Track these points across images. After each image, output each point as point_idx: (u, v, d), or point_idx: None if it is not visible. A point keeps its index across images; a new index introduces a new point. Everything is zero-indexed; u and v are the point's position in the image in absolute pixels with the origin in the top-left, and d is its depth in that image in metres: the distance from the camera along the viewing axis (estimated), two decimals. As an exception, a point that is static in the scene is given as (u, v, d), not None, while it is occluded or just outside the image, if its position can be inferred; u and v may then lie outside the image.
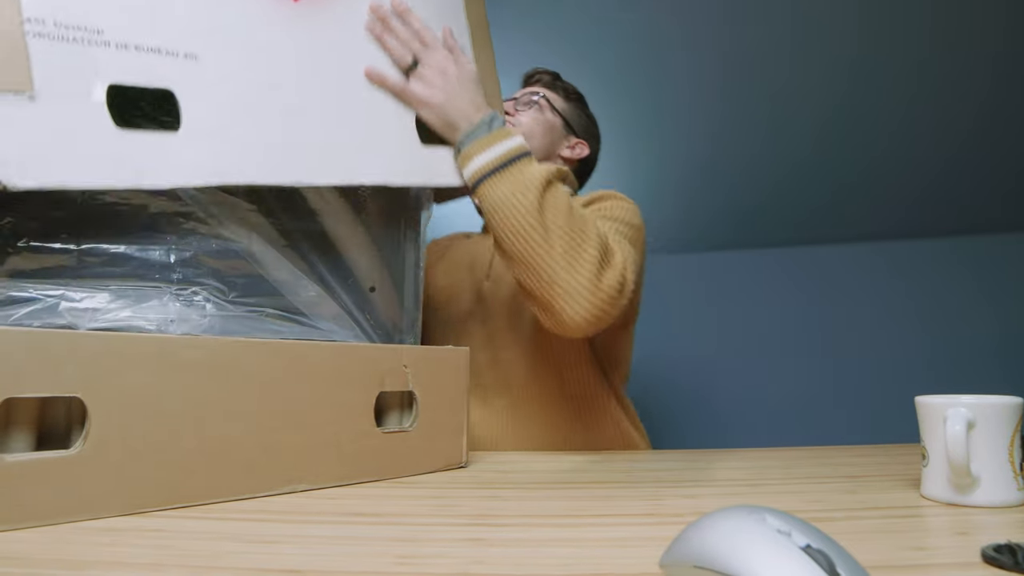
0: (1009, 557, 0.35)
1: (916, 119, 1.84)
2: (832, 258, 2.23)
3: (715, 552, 0.29)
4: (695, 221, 2.15)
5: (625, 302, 0.74)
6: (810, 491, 0.59)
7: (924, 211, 2.11)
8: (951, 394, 0.55)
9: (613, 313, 0.72)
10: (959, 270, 2.15)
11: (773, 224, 2.18)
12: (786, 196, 2.08)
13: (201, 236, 0.61)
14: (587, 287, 0.69)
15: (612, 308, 0.72)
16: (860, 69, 1.73)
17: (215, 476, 0.52)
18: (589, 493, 0.58)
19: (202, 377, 0.52)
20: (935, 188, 2.04)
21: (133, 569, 0.36)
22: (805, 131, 1.91)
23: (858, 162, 1.97)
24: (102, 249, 0.55)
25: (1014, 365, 2.04)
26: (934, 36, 1.63)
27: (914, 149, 1.91)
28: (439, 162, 0.75)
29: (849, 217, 2.15)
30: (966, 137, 1.88)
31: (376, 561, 0.38)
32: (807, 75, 1.75)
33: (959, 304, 2.13)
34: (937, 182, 2.04)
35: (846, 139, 1.92)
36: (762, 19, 1.61)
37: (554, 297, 0.70)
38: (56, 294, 0.51)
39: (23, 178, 0.47)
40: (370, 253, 0.75)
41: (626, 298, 0.74)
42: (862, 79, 1.76)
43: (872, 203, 2.11)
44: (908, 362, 2.10)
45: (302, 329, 0.66)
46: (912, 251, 2.20)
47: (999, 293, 2.11)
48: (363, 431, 0.63)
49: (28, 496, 0.43)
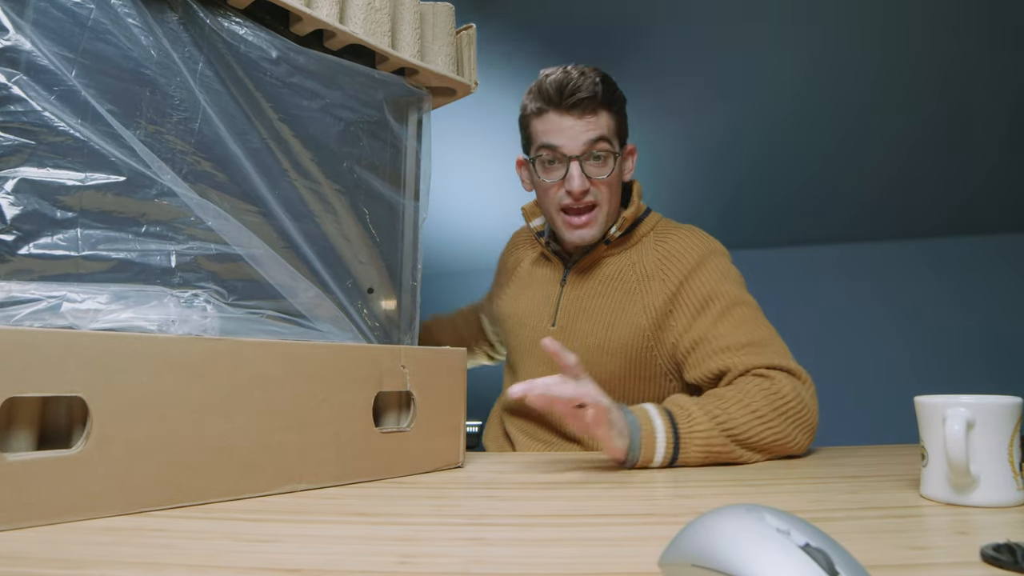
0: (1008, 556, 0.35)
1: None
2: (829, 258, 2.23)
3: (714, 550, 0.29)
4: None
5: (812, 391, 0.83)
6: (810, 491, 0.59)
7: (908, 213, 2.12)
8: (949, 394, 0.55)
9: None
10: (952, 271, 2.15)
11: (764, 224, 2.18)
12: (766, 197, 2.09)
13: (201, 240, 0.61)
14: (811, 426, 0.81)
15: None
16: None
17: (215, 476, 0.52)
18: (588, 493, 0.58)
19: (202, 377, 0.52)
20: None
21: (133, 568, 0.36)
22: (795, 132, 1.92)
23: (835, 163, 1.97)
24: (103, 255, 0.55)
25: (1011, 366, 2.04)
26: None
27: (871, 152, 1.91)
28: None
29: (833, 218, 2.16)
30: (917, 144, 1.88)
31: (376, 560, 0.38)
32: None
33: (964, 303, 2.13)
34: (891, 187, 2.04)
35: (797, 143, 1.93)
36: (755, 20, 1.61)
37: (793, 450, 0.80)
38: (58, 295, 0.51)
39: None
40: (368, 255, 0.75)
41: (811, 393, 0.82)
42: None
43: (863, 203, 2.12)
44: (903, 362, 2.10)
45: (301, 330, 0.66)
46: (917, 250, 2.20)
47: (1000, 293, 2.11)
48: (362, 431, 0.63)
49: (29, 495, 0.43)
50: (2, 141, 0.50)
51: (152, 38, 0.60)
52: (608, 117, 0.94)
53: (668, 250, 0.96)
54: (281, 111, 0.69)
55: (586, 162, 0.92)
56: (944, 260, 2.18)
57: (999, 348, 2.06)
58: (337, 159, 0.74)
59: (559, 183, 0.94)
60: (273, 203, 0.67)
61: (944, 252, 2.19)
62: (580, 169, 0.92)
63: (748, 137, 1.93)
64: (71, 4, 0.55)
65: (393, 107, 0.80)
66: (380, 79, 0.78)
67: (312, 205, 0.71)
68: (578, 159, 0.92)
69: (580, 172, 0.92)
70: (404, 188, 0.81)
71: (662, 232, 1.00)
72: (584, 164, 0.92)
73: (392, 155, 0.80)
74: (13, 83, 0.51)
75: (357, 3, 0.73)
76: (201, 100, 0.62)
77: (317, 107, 0.72)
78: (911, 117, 1.81)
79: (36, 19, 0.53)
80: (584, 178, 0.92)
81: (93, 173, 0.55)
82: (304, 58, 0.71)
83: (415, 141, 0.83)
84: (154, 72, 0.60)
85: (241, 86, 0.66)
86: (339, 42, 0.74)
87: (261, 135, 0.67)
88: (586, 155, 0.92)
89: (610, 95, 0.94)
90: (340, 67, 0.74)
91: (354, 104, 0.76)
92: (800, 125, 1.88)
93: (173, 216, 0.59)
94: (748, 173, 2.08)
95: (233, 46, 0.66)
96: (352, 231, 0.74)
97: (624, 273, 0.97)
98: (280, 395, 0.57)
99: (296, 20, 0.70)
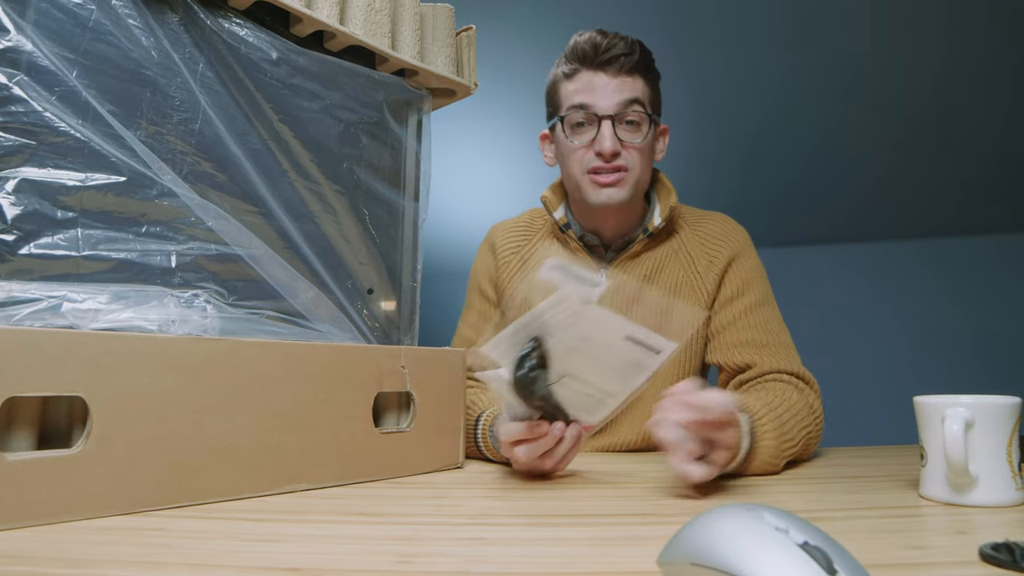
0: (1007, 556, 0.35)
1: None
2: (829, 258, 2.23)
3: (713, 549, 0.29)
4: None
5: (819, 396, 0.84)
6: (810, 491, 0.59)
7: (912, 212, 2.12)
8: (948, 394, 0.55)
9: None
10: (948, 272, 2.15)
11: (765, 224, 2.18)
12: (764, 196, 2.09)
13: (201, 240, 0.61)
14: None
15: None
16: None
17: (215, 476, 0.52)
18: (587, 493, 0.59)
19: (202, 377, 0.52)
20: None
21: (133, 568, 0.36)
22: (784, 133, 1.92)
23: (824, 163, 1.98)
24: (104, 255, 0.55)
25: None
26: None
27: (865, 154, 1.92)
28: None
29: (834, 219, 2.16)
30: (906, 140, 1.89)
31: (376, 560, 0.38)
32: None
33: (967, 303, 2.13)
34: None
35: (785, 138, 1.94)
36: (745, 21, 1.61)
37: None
38: (58, 295, 0.51)
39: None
40: (368, 255, 0.76)
41: (819, 400, 0.83)
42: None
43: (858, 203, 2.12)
44: (902, 362, 2.10)
45: (301, 331, 0.66)
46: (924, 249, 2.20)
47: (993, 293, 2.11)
48: (362, 431, 0.63)
49: (30, 495, 0.43)
50: (3, 141, 0.50)
51: (153, 39, 0.60)
52: (643, 83, 0.89)
53: (709, 233, 0.96)
54: (281, 112, 0.69)
55: (619, 124, 0.87)
56: (943, 260, 2.18)
57: (998, 348, 2.06)
58: (337, 160, 0.74)
59: (588, 145, 0.88)
60: (273, 204, 0.67)
61: (943, 252, 2.19)
62: (612, 130, 0.86)
63: (747, 137, 1.93)
64: (72, 5, 0.55)
65: (393, 108, 0.80)
66: (380, 80, 0.78)
67: (312, 206, 0.71)
68: (611, 119, 0.86)
69: (612, 133, 0.86)
70: (404, 189, 0.81)
71: (694, 218, 0.99)
72: (617, 126, 0.87)
73: (392, 156, 0.80)
74: (14, 83, 0.51)
75: (357, 4, 0.74)
76: (201, 101, 0.63)
77: (317, 108, 0.72)
78: (911, 117, 1.82)
79: (37, 20, 0.53)
80: (616, 139, 0.87)
81: (94, 173, 0.55)
82: (304, 59, 0.71)
83: (415, 142, 0.83)
84: (155, 73, 0.60)
85: (241, 87, 0.66)
86: (339, 43, 0.74)
87: (261, 136, 0.67)
88: (620, 117, 0.87)
89: (647, 62, 0.90)
90: (340, 68, 0.74)
91: (354, 105, 0.76)
92: (800, 126, 1.88)
93: (173, 216, 0.59)
94: (747, 173, 2.09)
95: (234, 47, 0.66)
96: (352, 232, 0.74)
97: (669, 261, 0.95)
98: (280, 395, 0.57)
99: (296, 21, 0.70)
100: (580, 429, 0.65)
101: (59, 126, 0.53)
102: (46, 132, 0.52)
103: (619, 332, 0.58)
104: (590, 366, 0.60)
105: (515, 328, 0.59)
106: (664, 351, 0.59)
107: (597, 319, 0.58)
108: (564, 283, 0.60)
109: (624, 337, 0.58)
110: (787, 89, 1.75)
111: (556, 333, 0.59)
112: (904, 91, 1.69)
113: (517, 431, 0.63)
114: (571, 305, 0.58)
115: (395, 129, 0.81)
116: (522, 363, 0.58)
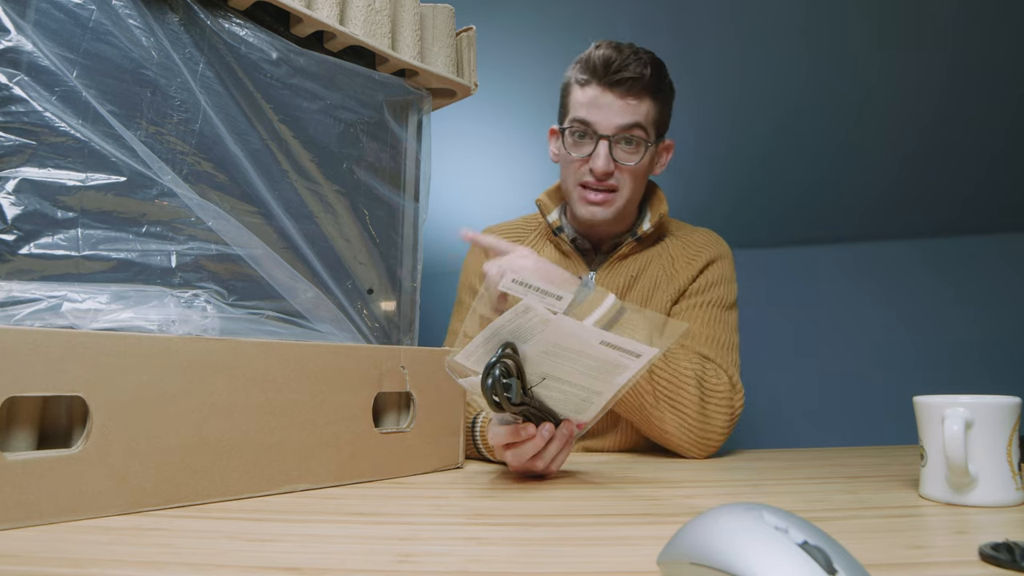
0: (1007, 555, 0.35)
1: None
2: (829, 258, 2.23)
3: (712, 548, 0.29)
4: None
5: (739, 412, 0.86)
6: (810, 491, 0.59)
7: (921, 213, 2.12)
8: (948, 394, 0.55)
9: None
10: (949, 271, 2.15)
11: (767, 225, 2.18)
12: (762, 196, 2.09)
13: (201, 240, 0.61)
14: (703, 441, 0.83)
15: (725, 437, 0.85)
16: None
17: (215, 476, 0.52)
18: (586, 493, 0.59)
19: (202, 377, 0.52)
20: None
21: (133, 568, 0.36)
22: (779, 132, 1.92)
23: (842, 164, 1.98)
24: (104, 255, 0.55)
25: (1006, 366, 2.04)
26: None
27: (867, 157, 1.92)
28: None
29: (835, 218, 2.16)
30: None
31: (375, 560, 0.38)
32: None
33: (967, 303, 2.13)
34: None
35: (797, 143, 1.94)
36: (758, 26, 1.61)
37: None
38: (58, 295, 0.51)
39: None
40: (368, 256, 0.76)
41: (738, 412, 0.85)
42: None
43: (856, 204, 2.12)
44: (902, 362, 2.10)
45: (301, 331, 0.66)
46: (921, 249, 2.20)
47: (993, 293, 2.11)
48: (361, 431, 0.63)
49: (29, 495, 0.43)
50: (3, 141, 0.50)
51: (153, 39, 0.60)
52: (650, 104, 0.92)
53: (694, 242, 1.01)
54: (281, 112, 0.69)
55: (616, 145, 0.91)
56: (944, 260, 2.18)
57: (999, 348, 2.06)
58: (337, 160, 0.74)
59: (584, 159, 0.93)
60: (273, 204, 0.67)
61: (944, 252, 2.19)
62: (608, 150, 0.90)
63: (753, 140, 1.94)
64: (72, 5, 0.55)
65: (393, 108, 0.80)
66: (380, 80, 0.78)
67: (312, 206, 0.71)
68: (608, 140, 0.90)
69: (607, 153, 0.90)
70: (404, 189, 0.81)
71: (683, 232, 1.04)
72: (614, 147, 0.91)
73: (392, 156, 0.80)
74: (14, 84, 0.51)
75: (357, 5, 0.74)
76: (202, 101, 0.63)
77: (317, 108, 0.72)
78: (911, 117, 1.82)
79: (37, 20, 0.53)
80: (610, 160, 0.90)
81: (94, 173, 0.55)
82: (304, 59, 0.71)
83: (415, 142, 0.83)
84: (155, 73, 0.60)
85: (241, 87, 0.66)
86: (339, 43, 0.74)
87: (261, 136, 0.67)
88: (617, 138, 0.91)
89: (657, 82, 0.92)
90: (340, 68, 0.74)
91: (354, 105, 0.76)
92: (803, 127, 1.88)
93: (173, 216, 0.59)
94: (753, 176, 2.10)
95: (234, 47, 0.66)
96: (352, 232, 0.74)
97: (651, 263, 0.99)
98: (280, 395, 0.57)
99: (296, 21, 0.70)
100: (571, 428, 0.65)
101: (59, 126, 0.53)
102: (46, 132, 0.52)
103: (593, 338, 0.58)
104: (569, 367, 0.60)
105: (487, 335, 0.59)
106: (644, 355, 0.59)
107: (568, 329, 0.58)
108: (527, 297, 0.60)
109: (599, 342, 0.58)
110: (798, 92, 1.75)
111: (529, 338, 0.59)
112: (911, 95, 1.70)
113: (504, 435, 0.64)
114: (538, 314, 0.57)
115: (395, 129, 0.81)
116: (489, 372, 0.57)
